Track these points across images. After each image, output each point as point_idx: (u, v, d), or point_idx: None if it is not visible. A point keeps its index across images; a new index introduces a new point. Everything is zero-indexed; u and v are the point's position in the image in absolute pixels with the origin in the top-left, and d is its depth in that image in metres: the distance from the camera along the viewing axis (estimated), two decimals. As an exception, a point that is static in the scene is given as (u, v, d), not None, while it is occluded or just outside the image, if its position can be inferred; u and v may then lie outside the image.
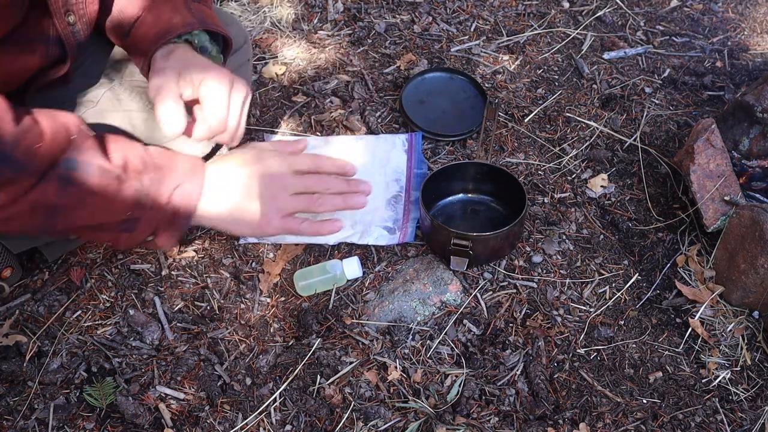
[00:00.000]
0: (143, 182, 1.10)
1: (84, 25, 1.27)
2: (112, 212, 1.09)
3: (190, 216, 1.15)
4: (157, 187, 1.11)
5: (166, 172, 1.12)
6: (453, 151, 1.70)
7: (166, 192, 1.11)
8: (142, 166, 1.10)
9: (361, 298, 1.43)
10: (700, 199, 1.48)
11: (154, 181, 1.10)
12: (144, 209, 1.10)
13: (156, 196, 1.11)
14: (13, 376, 1.32)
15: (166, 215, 1.13)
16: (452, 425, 1.24)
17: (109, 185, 1.07)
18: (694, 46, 1.99)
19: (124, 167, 1.08)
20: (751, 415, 1.29)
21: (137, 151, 1.11)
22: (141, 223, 1.11)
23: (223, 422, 1.27)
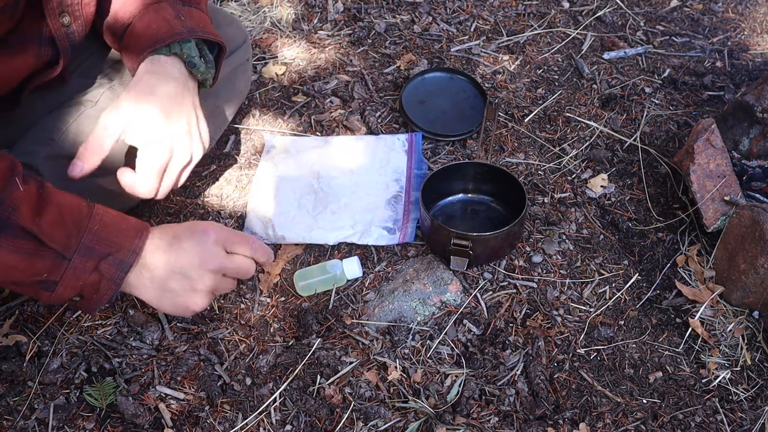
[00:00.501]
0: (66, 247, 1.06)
1: (79, 26, 1.26)
2: (23, 272, 1.05)
3: (115, 289, 1.11)
4: (82, 254, 1.06)
5: (98, 237, 1.08)
6: (453, 151, 1.70)
7: (91, 261, 1.07)
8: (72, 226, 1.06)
9: (361, 298, 1.43)
10: (700, 199, 1.48)
11: (82, 247, 1.06)
12: (61, 273, 1.06)
13: (79, 263, 1.06)
14: (13, 376, 1.32)
15: (90, 283, 1.09)
16: (452, 425, 1.24)
17: (22, 246, 1.03)
18: (694, 46, 1.99)
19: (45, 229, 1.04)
20: (751, 415, 1.29)
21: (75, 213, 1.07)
22: (60, 287, 1.08)
23: (223, 422, 1.27)
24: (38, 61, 1.25)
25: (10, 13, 1.12)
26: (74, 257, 1.06)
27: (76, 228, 1.07)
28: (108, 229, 1.09)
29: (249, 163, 1.68)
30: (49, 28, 1.21)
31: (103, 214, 1.10)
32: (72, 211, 1.07)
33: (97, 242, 1.08)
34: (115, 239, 1.09)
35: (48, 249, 1.04)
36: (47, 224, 1.04)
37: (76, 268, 1.06)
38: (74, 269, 1.07)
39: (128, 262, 1.10)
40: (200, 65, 1.29)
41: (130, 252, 1.10)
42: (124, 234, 1.10)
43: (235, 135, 1.73)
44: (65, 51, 1.26)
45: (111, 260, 1.09)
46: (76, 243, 1.06)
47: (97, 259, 1.08)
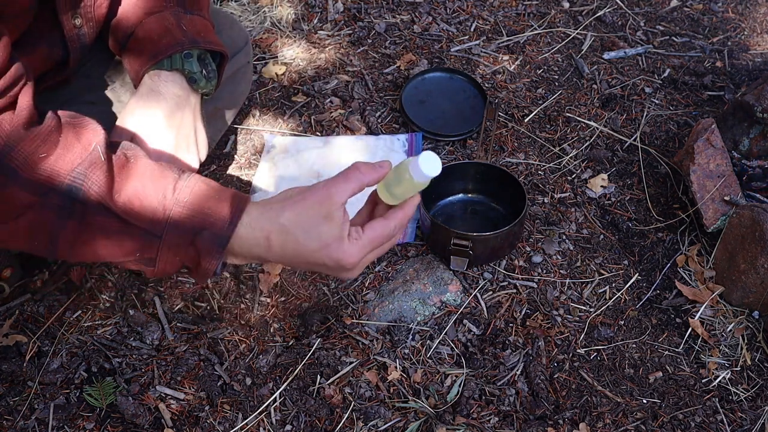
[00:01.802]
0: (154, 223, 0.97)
1: (91, 28, 1.27)
2: (114, 251, 0.98)
3: (216, 261, 0.99)
4: (173, 231, 0.97)
5: (187, 214, 0.98)
6: (453, 151, 1.70)
7: (184, 237, 0.98)
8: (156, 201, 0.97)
9: (361, 298, 1.43)
10: (700, 199, 1.48)
11: (170, 221, 0.97)
12: (155, 250, 0.98)
13: (172, 240, 0.98)
14: (13, 376, 1.32)
15: (189, 257, 0.99)
16: (452, 425, 1.24)
17: (108, 225, 0.96)
18: (694, 46, 1.99)
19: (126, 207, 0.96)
20: (751, 415, 1.29)
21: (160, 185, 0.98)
22: (160, 263, 0.99)
23: (223, 422, 1.27)
24: (49, 63, 1.25)
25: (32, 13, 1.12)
26: (165, 235, 0.97)
27: (163, 201, 0.97)
28: (198, 200, 0.98)
29: (249, 163, 1.68)
30: (61, 29, 1.21)
31: (193, 182, 0.99)
32: (159, 180, 0.98)
33: (187, 217, 0.97)
34: (208, 210, 0.97)
35: (134, 227, 0.96)
36: (131, 200, 0.96)
37: (170, 244, 0.97)
38: (168, 246, 0.97)
39: (225, 236, 0.97)
40: (201, 80, 1.27)
41: (226, 225, 0.97)
42: (216, 204, 0.98)
43: (235, 135, 1.73)
44: (75, 53, 1.26)
45: (206, 235, 0.97)
46: (163, 219, 0.96)
47: (190, 236, 0.97)
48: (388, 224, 1.01)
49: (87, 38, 1.27)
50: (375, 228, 1.00)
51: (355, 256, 0.97)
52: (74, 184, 0.94)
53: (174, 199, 0.98)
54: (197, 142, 1.30)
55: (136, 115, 1.22)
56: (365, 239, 0.99)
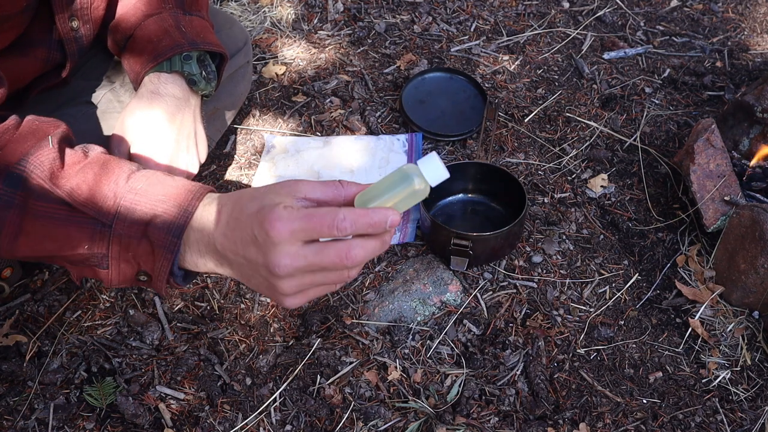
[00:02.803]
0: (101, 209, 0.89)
1: (88, 30, 1.26)
2: (61, 243, 0.90)
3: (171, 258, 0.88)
4: (125, 218, 0.88)
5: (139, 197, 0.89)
6: (453, 151, 1.70)
7: (135, 224, 0.88)
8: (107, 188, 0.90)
9: (361, 298, 1.43)
10: (700, 199, 1.48)
11: (120, 209, 0.89)
12: (105, 242, 0.89)
13: (122, 229, 0.88)
14: (13, 376, 1.32)
15: (143, 253, 0.89)
16: (452, 425, 1.24)
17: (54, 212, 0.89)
18: (694, 46, 1.99)
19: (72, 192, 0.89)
20: (751, 415, 1.29)
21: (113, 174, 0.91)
22: (112, 261, 0.90)
23: (223, 422, 1.27)
24: (46, 65, 1.25)
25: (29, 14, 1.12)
26: (114, 223, 0.88)
27: (114, 188, 0.89)
28: (153, 187, 0.90)
29: (249, 163, 1.68)
30: (58, 31, 1.21)
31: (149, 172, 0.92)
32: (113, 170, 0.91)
33: (137, 204, 0.89)
34: (161, 196, 0.89)
35: (80, 214, 0.89)
36: (79, 186, 0.90)
37: (120, 235, 0.88)
38: (118, 238, 0.88)
39: (179, 224, 0.87)
40: (200, 82, 1.27)
41: (181, 211, 0.87)
42: (172, 192, 0.89)
43: (235, 135, 1.73)
44: (72, 55, 1.26)
45: (159, 223, 0.87)
46: (114, 206, 0.88)
47: (143, 224, 0.88)
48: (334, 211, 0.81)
49: (84, 40, 1.27)
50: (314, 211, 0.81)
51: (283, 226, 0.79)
52: (15, 170, 0.88)
53: (127, 187, 0.90)
54: (197, 144, 1.30)
55: (136, 117, 1.22)
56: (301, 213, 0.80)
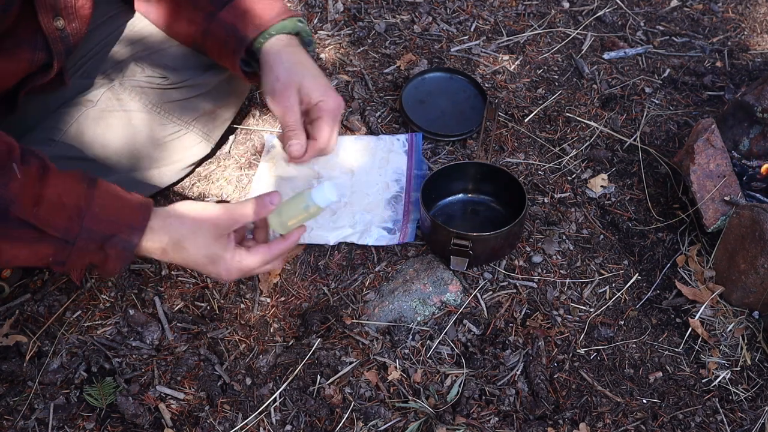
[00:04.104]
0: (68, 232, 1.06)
1: (74, 29, 1.26)
2: (29, 256, 1.08)
3: (122, 263, 1.12)
4: (85, 236, 1.07)
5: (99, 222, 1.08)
6: (453, 151, 1.70)
7: (94, 242, 1.08)
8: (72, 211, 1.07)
9: (361, 298, 1.43)
10: (700, 199, 1.48)
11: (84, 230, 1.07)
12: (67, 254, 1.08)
13: (83, 245, 1.08)
14: (13, 376, 1.32)
15: (97, 259, 1.11)
16: (452, 425, 1.24)
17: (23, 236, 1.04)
18: (694, 46, 1.99)
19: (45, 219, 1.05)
20: (751, 415, 1.29)
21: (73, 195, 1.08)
22: (69, 264, 1.10)
23: (223, 422, 1.27)
24: (31, 65, 1.25)
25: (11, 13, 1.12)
26: (77, 241, 1.07)
27: (77, 211, 1.07)
28: (109, 210, 1.09)
29: (249, 163, 1.68)
30: (42, 32, 1.20)
31: (104, 192, 1.10)
32: (71, 194, 1.08)
33: (99, 224, 1.08)
34: (116, 219, 1.09)
35: (49, 236, 1.05)
36: (46, 212, 1.05)
37: (80, 249, 1.08)
38: (78, 250, 1.08)
39: (132, 242, 1.10)
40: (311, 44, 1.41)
41: (134, 231, 1.10)
42: (126, 214, 1.10)
43: (235, 135, 1.73)
44: (59, 54, 1.26)
45: (115, 241, 1.09)
46: (77, 227, 1.06)
47: (100, 241, 1.08)
48: (270, 251, 1.18)
49: (72, 39, 1.26)
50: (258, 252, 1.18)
51: (233, 273, 1.16)
52: None
53: (88, 208, 1.07)
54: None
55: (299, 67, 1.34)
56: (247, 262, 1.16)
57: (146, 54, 1.46)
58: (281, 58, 1.31)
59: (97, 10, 1.33)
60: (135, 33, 1.49)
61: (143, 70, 1.44)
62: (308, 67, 1.33)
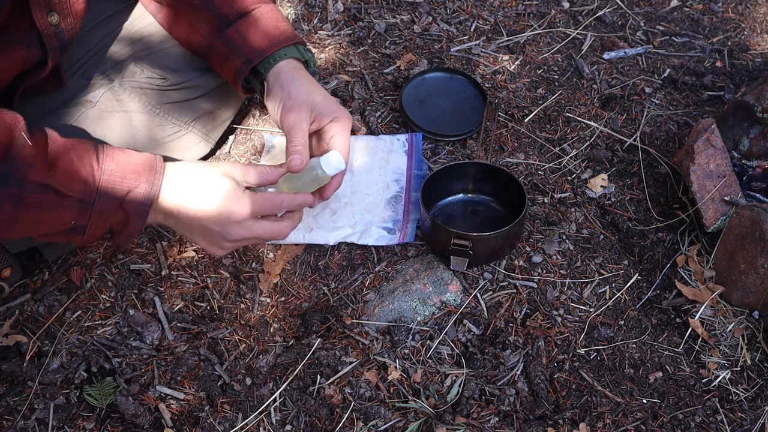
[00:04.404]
0: (87, 193, 1.08)
1: (69, 24, 1.25)
2: (51, 223, 1.09)
3: (142, 221, 1.14)
4: (105, 196, 1.09)
5: (115, 178, 1.10)
6: (453, 151, 1.70)
7: (115, 199, 1.10)
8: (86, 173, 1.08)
9: (361, 298, 1.43)
10: (700, 199, 1.48)
11: (101, 190, 1.09)
12: (88, 217, 1.09)
13: (103, 205, 1.09)
14: (13, 376, 1.32)
15: (117, 220, 1.12)
16: (452, 425, 1.24)
17: (44, 200, 1.05)
18: (694, 46, 1.99)
19: (62, 181, 1.06)
20: (751, 415, 1.29)
21: (84, 160, 1.09)
22: (90, 229, 1.11)
23: (223, 422, 1.27)
24: (27, 63, 1.24)
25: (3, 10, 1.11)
26: (97, 201, 1.08)
27: (91, 172, 1.08)
28: (123, 167, 1.11)
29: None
30: (36, 28, 1.20)
31: (115, 152, 1.12)
32: (83, 157, 1.09)
33: (115, 181, 1.10)
34: (132, 174, 1.11)
35: (69, 198, 1.06)
36: (62, 176, 1.06)
37: (101, 210, 1.09)
38: (100, 211, 1.09)
39: (150, 196, 1.12)
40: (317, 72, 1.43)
41: (150, 186, 1.12)
42: (140, 168, 1.12)
43: (235, 135, 1.73)
44: (53, 51, 1.25)
45: (133, 196, 1.11)
46: (95, 187, 1.08)
47: (120, 199, 1.10)
48: (279, 197, 1.21)
49: (66, 35, 1.26)
50: (267, 196, 1.20)
51: (245, 207, 1.16)
52: (4, 172, 1.02)
53: (101, 169, 1.09)
54: None
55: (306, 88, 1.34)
56: (257, 197, 1.18)
57: (146, 54, 1.46)
58: (293, 78, 1.33)
59: (94, 8, 1.32)
60: (134, 33, 1.49)
61: (143, 70, 1.44)
62: (320, 88, 1.36)
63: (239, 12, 1.35)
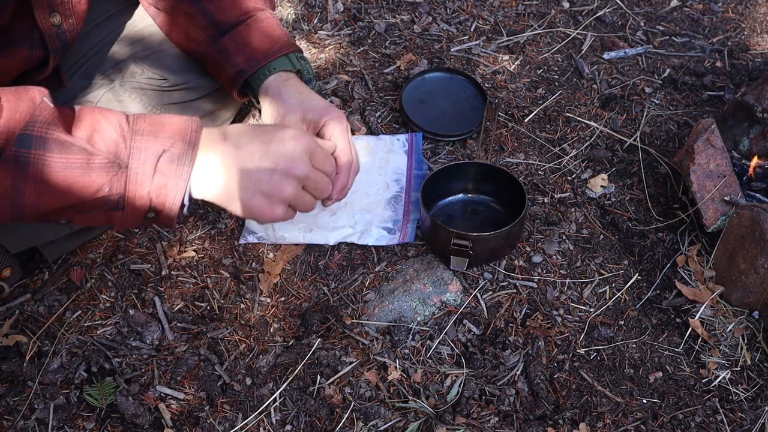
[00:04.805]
0: (118, 153, 0.99)
1: (71, 25, 1.25)
2: (83, 190, 0.99)
3: (184, 187, 1.04)
4: (137, 157, 1.00)
5: (147, 137, 1.01)
6: (453, 151, 1.70)
7: (148, 162, 1.01)
8: (115, 133, 1.00)
9: (361, 298, 1.43)
10: (700, 199, 1.48)
11: (134, 150, 1.00)
12: (123, 183, 1.00)
13: (137, 170, 1.00)
14: (13, 376, 1.32)
15: (155, 188, 1.03)
16: (452, 425, 1.24)
17: (71, 161, 0.97)
18: (694, 46, 1.99)
19: (89, 139, 0.98)
20: (751, 415, 1.29)
21: (113, 120, 1.02)
22: (128, 199, 1.02)
23: (223, 422, 1.27)
24: (29, 63, 1.24)
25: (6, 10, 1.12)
26: (130, 163, 1.00)
27: (121, 132, 1.00)
28: (155, 126, 1.02)
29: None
30: (38, 29, 1.20)
31: (142, 115, 1.04)
32: (110, 115, 1.02)
33: (148, 141, 1.01)
34: (165, 134, 1.02)
35: (99, 158, 0.98)
36: (90, 133, 0.99)
37: (136, 174, 1.00)
38: (135, 176, 1.00)
39: (188, 154, 1.03)
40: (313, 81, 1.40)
41: (186, 144, 1.03)
42: (173, 127, 1.03)
43: (235, 135, 1.73)
44: (55, 51, 1.25)
45: (168, 157, 1.01)
46: (126, 148, 0.99)
47: (155, 159, 1.01)
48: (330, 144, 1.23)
49: (68, 35, 1.26)
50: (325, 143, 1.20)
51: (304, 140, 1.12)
52: (26, 132, 0.95)
53: (131, 129, 1.01)
54: None
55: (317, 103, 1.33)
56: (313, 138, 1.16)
57: (146, 54, 1.46)
58: (280, 92, 1.32)
59: (95, 9, 1.32)
60: (135, 33, 1.49)
61: (143, 71, 1.44)
62: (310, 94, 1.34)
63: (235, 20, 1.35)
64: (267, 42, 1.34)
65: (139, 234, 1.53)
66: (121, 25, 1.49)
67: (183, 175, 1.03)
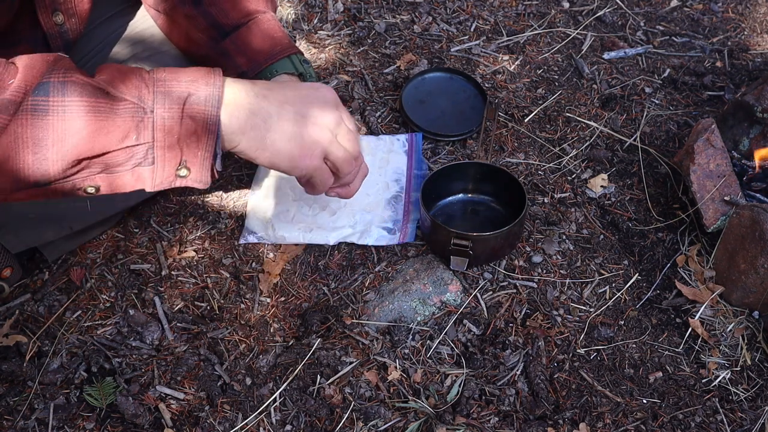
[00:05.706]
0: (142, 97, 0.96)
1: (74, 24, 1.25)
2: (108, 136, 0.94)
3: (214, 130, 0.99)
4: (162, 102, 0.96)
5: (170, 82, 0.98)
6: (453, 151, 1.70)
7: (175, 106, 0.97)
8: (137, 80, 0.97)
9: (361, 298, 1.43)
10: (700, 199, 1.48)
11: (158, 94, 0.96)
12: (150, 131, 0.96)
13: (164, 114, 0.96)
14: (13, 376, 1.32)
15: (185, 133, 0.98)
16: (452, 425, 1.24)
17: (93, 105, 0.93)
18: (694, 46, 1.99)
19: (111, 82, 0.94)
20: (751, 415, 1.29)
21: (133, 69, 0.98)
22: (158, 150, 0.97)
23: (223, 422, 1.27)
24: None
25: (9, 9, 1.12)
26: (155, 107, 0.96)
27: (142, 80, 0.97)
28: (174, 74, 0.99)
29: (249, 163, 1.68)
30: (41, 28, 1.20)
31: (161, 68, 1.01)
32: (132, 68, 0.99)
33: (171, 86, 0.97)
34: (188, 78, 0.99)
35: (123, 102, 0.95)
36: (111, 79, 0.95)
37: (163, 119, 0.96)
38: (162, 121, 0.96)
39: (215, 95, 0.98)
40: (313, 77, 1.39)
41: (211, 85, 0.99)
42: (196, 73, 1.00)
43: (235, 135, 1.73)
44: (58, 50, 1.25)
45: (195, 100, 0.97)
46: (150, 93, 0.96)
47: (181, 103, 0.97)
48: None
49: (70, 35, 1.26)
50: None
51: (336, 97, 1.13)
52: (44, 80, 0.92)
53: (152, 78, 0.97)
54: None
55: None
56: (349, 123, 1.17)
57: (147, 55, 1.46)
58: None
59: (97, 9, 1.32)
60: (136, 33, 1.50)
61: None
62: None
63: (236, 22, 1.34)
64: (268, 44, 1.34)
65: (139, 234, 1.53)
66: (123, 25, 1.49)
67: (212, 118, 0.98)
